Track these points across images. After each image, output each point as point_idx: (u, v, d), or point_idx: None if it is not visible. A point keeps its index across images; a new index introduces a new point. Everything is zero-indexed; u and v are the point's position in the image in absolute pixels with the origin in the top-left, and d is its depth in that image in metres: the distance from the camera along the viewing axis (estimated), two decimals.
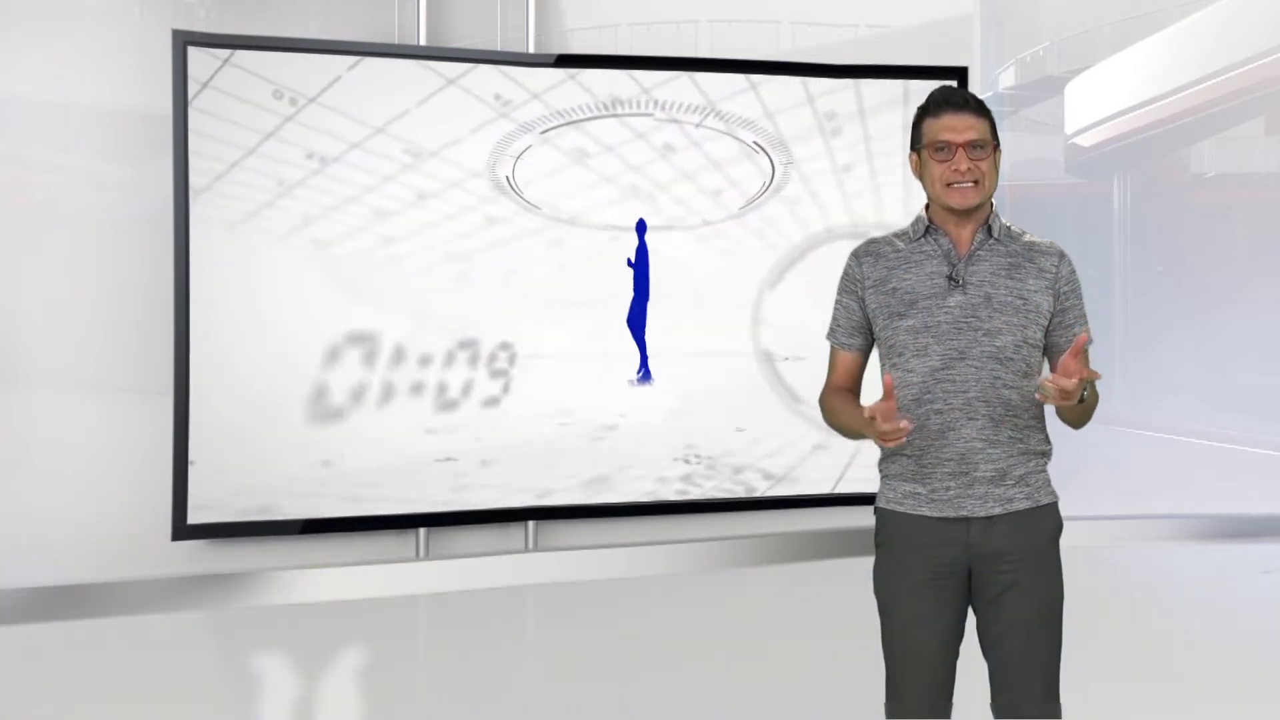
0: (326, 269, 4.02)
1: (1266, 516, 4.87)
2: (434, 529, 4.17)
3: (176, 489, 3.83)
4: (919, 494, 2.07)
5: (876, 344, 2.15)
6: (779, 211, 4.42)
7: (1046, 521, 2.09)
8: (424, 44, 4.16)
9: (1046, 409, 2.11)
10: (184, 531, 3.83)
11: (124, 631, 3.78)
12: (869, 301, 2.11)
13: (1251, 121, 5.76)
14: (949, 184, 2.04)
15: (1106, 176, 6.02)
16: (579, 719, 3.10)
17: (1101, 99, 5.90)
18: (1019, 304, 2.04)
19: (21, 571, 3.78)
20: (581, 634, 3.85)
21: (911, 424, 1.93)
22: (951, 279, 2.05)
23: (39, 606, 3.77)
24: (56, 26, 3.87)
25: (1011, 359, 2.03)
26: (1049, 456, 2.13)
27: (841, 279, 2.17)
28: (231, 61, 3.88)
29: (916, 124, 2.11)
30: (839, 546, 4.42)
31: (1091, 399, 2.03)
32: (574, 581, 4.26)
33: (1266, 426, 5.49)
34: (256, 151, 3.94)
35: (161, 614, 3.87)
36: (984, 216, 2.08)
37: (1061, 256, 2.11)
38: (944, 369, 2.03)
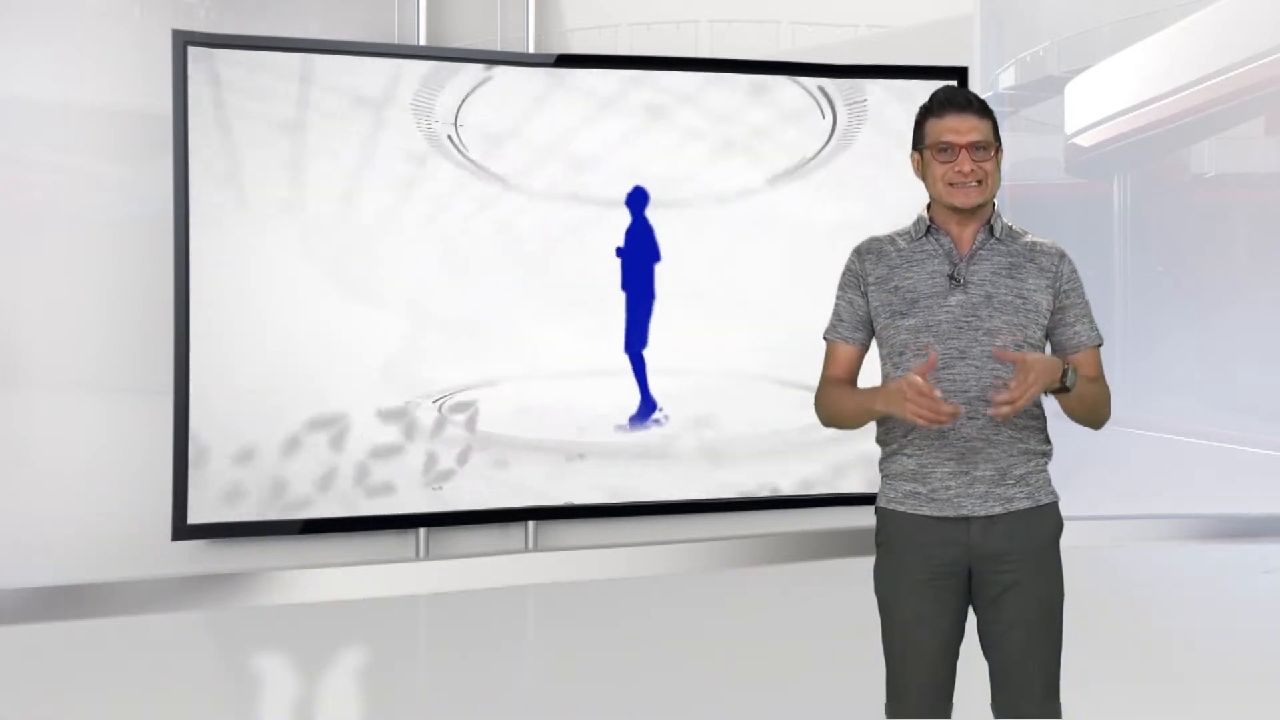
0: (327, 269, 4.02)
1: (1266, 516, 4.87)
2: (434, 529, 4.17)
3: (176, 489, 3.83)
4: (919, 493, 2.07)
5: (877, 343, 2.15)
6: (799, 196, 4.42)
7: (1047, 521, 2.09)
8: (424, 44, 4.16)
9: (1048, 410, 2.11)
10: (184, 531, 3.84)
11: (124, 631, 3.78)
12: (871, 299, 2.11)
13: (1251, 121, 5.76)
14: (952, 184, 2.04)
15: (1106, 176, 6.01)
16: (579, 719, 3.09)
17: (1101, 99, 5.90)
18: (1019, 304, 2.04)
19: (21, 571, 3.78)
20: (581, 634, 3.85)
21: (960, 411, 1.91)
22: (952, 278, 2.05)
23: (39, 606, 3.77)
24: (56, 26, 3.87)
25: None
26: (1049, 456, 2.13)
27: (843, 275, 2.17)
28: (232, 61, 3.88)
29: (919, 124, 2.11)
30: (839, 546, 4.42)
31: (1084, 388, 2.02)
32: (574, 581, 4.26)
33: (1266, 426, 5.49)
34: (257, 151, 3.94)
35: (161, 614, 3.87)
36: (986, 216, 2.09)
37: (1062, 256, 2.11)
38: (944, 368, 2.03)
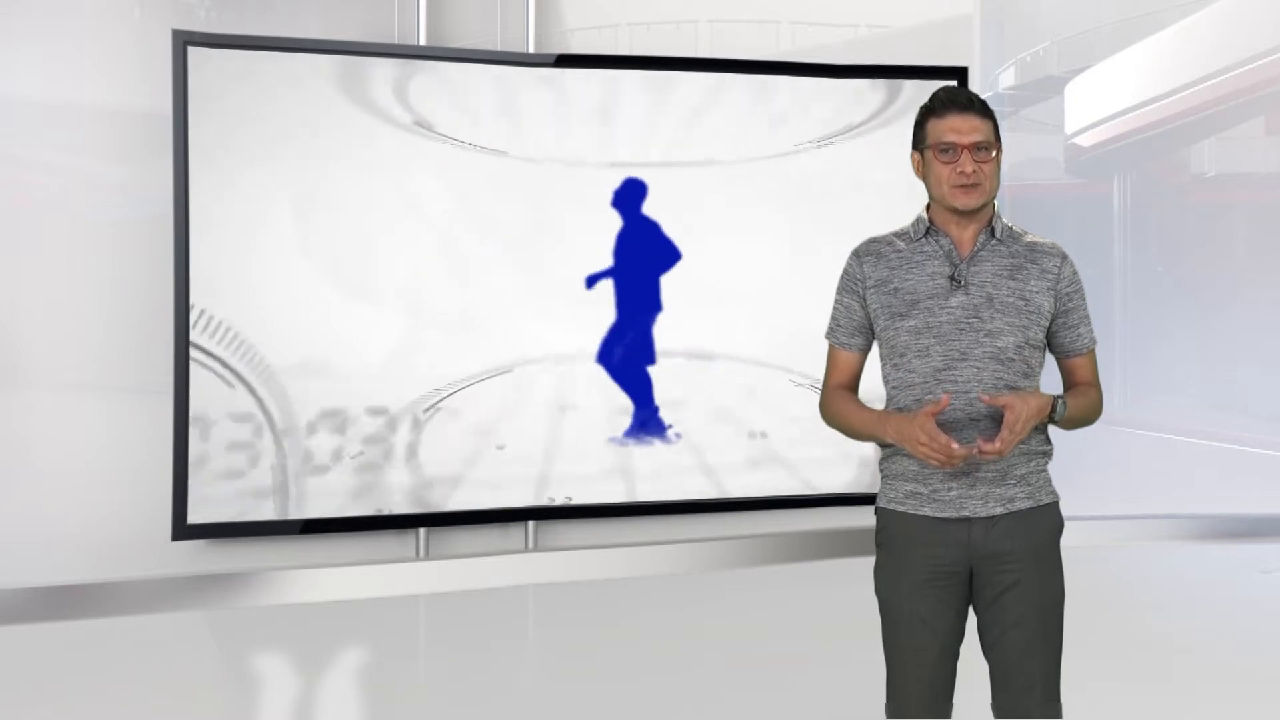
0: (326, 268, 4.01)
1: (1266, 516, 4.87)
2: (434, 529, 4.17)
3: (176, 489, 3.82)
4: (920, 494, 2.07)
5: (877, 344, 2.14)
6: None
7: (1048, 520, 2.09)
8: (424, 44, 4.16)
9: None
10: (184, 531, 3.84)
11: (124, 631, 3.78)
12: (870, 302, 2.10)
13: (1251, 121, 5.76)
14: (953, 185, 2.03)
15: (1106, 176, 6.01)
16: (578, 719, 3.09)
17: (1101, 99, 5.89)
18: (1020, 305, 2.04)
19: (21, 571, 3.78)
20: (581, 634, 3.85)
21: (969, 451, 1.93)
22: (953, 279, 2.05)
23: (39, 606, 3.77)
24: (56, 26, 3.86)
25: (1013, 360, 2.03)
26: (1050, 456, 2.13)
27: (842, 278, 2.16)
28: (232, 60, 3.88)
29: (919, 124, 2.10)
30: (839, 546, 4.42)
31: (1074, 411, 2.04)
32: (574, 581, 4.26)
33: (1266, 426, 5.49)
34: (257, 151, 3.94)
35: (161, 614, 3.87)
36: (986, 217, 2.08)
37: (1064, 258, 2.10)
38: (946, 369, 2.02)
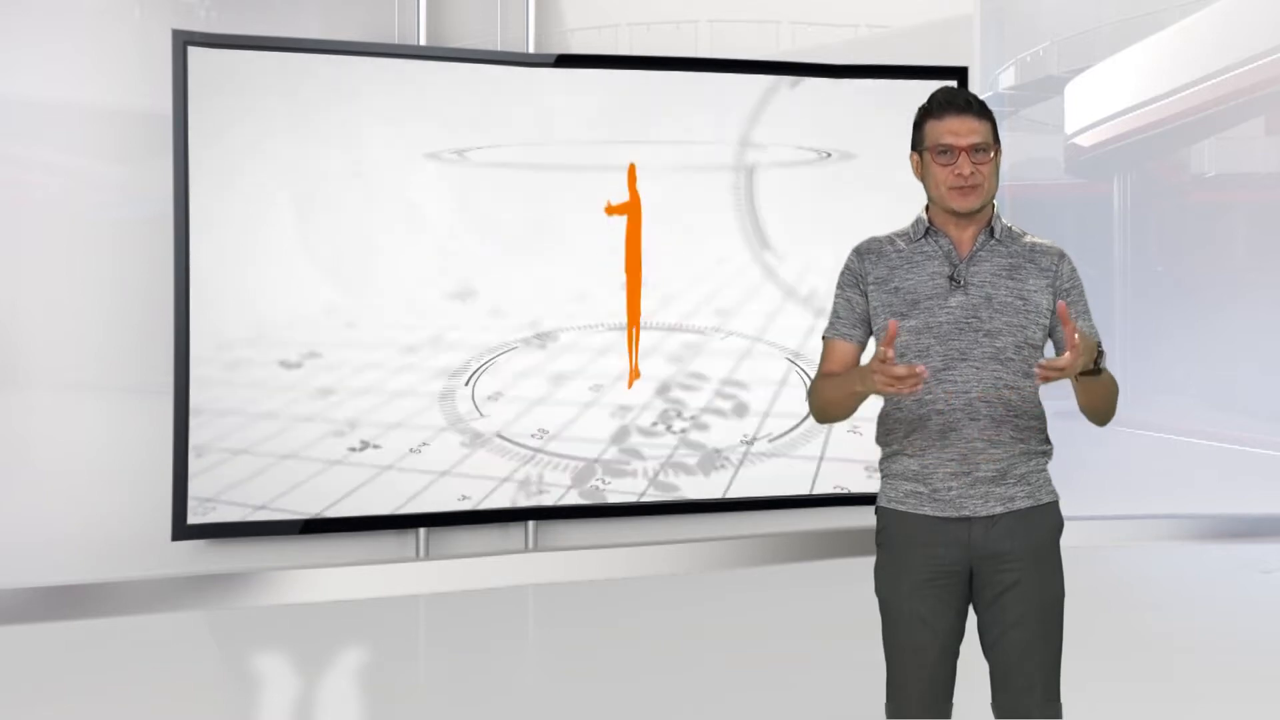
0: (327, 268, 4.02)
1: (1266, 516, 4.87)
2: (434, 529, 4.17)
3: (176, 489, 3.83)
4: (920, 493, 2.07)
5: (876, 343, 2.15)
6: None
7: (1048, 520, 2.09)
8: (424, 44, 4.16)
9: (1047, 410, 2.11)
10: (184, 531, 3.84)
11: (124, 631, 3.78)
12: (871, 298, 2.11)
13: (1251, 121, 5.76)
14: (951, 187, 2.03)
15: (1106, 176, 6.01)
16: (578, 719, 3.10)
17: (1101, 99, 5.89)
18: (1020, 304, 2.04)
19: (21, 571, 3.78)
20: (581, 634, 3.85)
21: (925, 372, 1.84)
22: (953, 279, 2.05)
23: (39, 606, 3.77)
24: (56, 26, 3.87)
25: (1012, 359, 2.03)
26: (1049, 456, 2.13)
27: (842, 274, 2.17)
28: (232, 61, 3.88)
29: (918, 125, 2.10)
30: (839, 546, 4.42)
31: (1108, 377, 2.02)
32: (573, 581, 4.26)
33: (1266, 426, 5.49)
34: (257, 151, 3.94)
35: (161, 614, 3.87)
36: (985, 218, 2.08)
37: (1062, 256, 2.11)
38: (945, 369, 2.03)
